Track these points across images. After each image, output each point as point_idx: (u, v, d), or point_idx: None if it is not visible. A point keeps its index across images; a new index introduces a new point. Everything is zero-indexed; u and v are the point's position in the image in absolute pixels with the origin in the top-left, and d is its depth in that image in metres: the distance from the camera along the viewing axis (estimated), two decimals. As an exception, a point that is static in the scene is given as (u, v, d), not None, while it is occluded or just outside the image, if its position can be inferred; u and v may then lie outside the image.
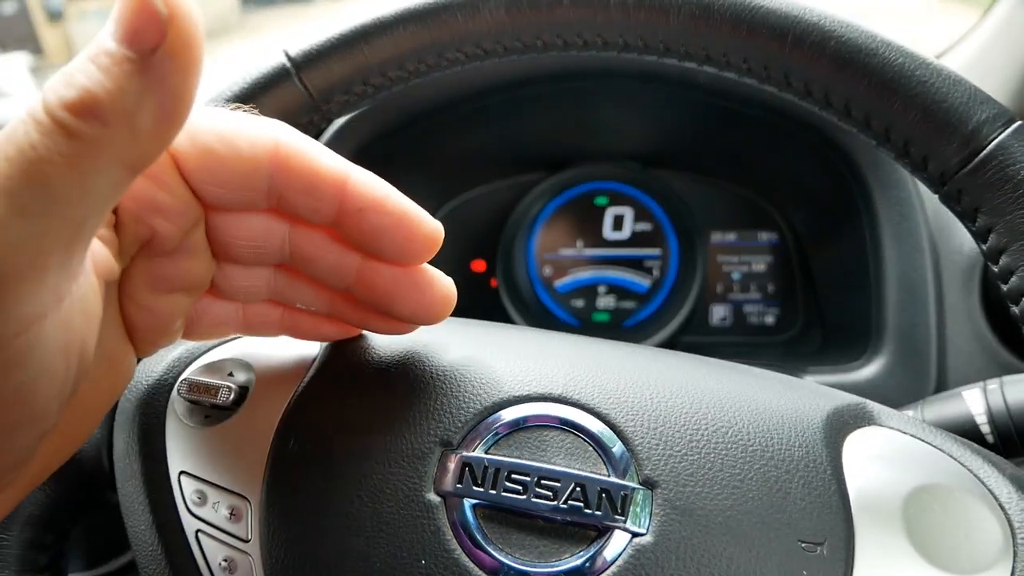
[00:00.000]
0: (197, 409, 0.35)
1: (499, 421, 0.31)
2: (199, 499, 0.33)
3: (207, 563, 0.32)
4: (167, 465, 0.34)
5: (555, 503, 0.29)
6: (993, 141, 0.30)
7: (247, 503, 0.32)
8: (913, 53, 0.32)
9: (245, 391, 0.35)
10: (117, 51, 0.18)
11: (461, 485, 0.30)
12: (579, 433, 0.31)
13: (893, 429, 0.32)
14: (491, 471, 0.30)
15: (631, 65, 0.66)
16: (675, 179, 0.81)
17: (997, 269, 0.32)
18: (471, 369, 0.33)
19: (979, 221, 0.32)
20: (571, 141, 0.81)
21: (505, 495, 0.30)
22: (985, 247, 0.32)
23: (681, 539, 0.28)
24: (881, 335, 0.60)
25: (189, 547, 0.33)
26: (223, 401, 0.34)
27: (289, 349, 0.36)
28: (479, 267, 0.84)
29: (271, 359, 0.36)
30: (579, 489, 0.29)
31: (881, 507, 0.29)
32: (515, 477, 0.30)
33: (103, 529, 0.67)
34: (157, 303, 0.27)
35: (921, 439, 0.32)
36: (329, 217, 0.27)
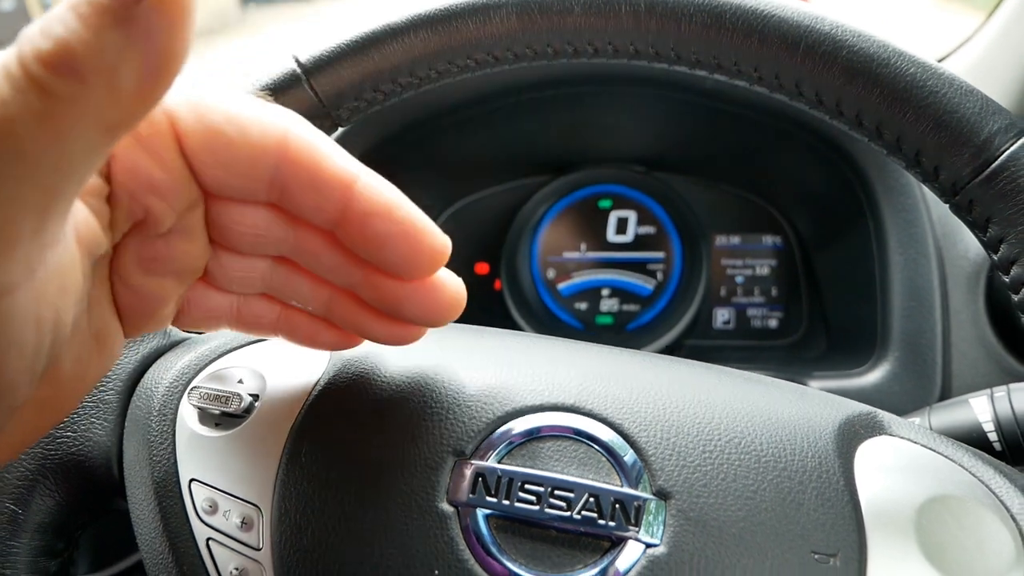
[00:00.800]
0: (207, 417, 0.35)
1: (512, 431, 0.31)
2: (210, 507, 0.33)
3: (218, 571, 0.32)
4: (178, 472, 0.34)
5: (568, 514, 0.29)
6: (1005, 152, 0.30)
7: (258, 511, 0.32)
8: (925, 63, 0.32)
9: (256, 399, 0.35)
10: None
11: (474, 495, 0.30)
12: (592, 443, 0.31)
13: (904, 439, 0.32)
14: (504, 481, 0.30)
15: (636, 69, 0.66)
16: (679, 182, 0.81)
17: (1008, 279, 0.32)
18: (483, 379, 0.33)
19: (990, 231, 0.32)
20: (575, 144, 0.81)
21: (518, 505, 0.30)
22: (996, 257, 0.32)
23: (695, 550, 0.28)
24: (886, 340, 0.60)
25: (200, 555, 0.33)
26: (234, 409, 0.34)
27: (300, 357, 0.36)
28: (483, 269, 0.84)
29: (282, 367, 0.36)
30: (592, 500, 0.29)
31: (893, 518, 0.29)
32: (528, 487, 0.30)
33: (107, 532, 0.67)
34: (147, 285, 0.26)
35: (932, 449, 0.32)
36: (332, 219, 0.26)
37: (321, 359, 0.36)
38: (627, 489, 0.30)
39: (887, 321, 0.60)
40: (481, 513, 0.30)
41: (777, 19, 0.32)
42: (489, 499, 0.30)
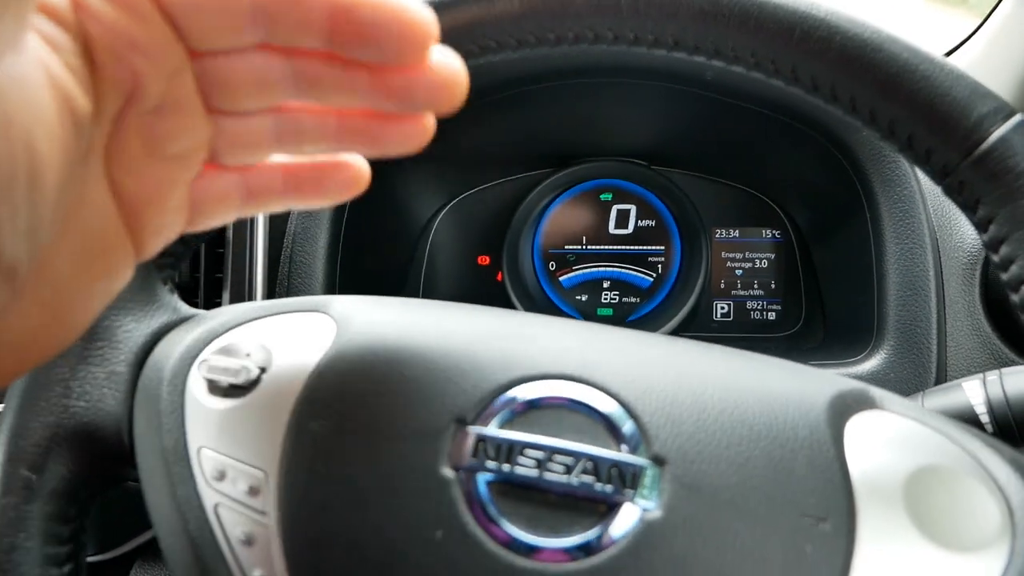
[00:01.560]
0: (216, 388, 0.36)
1: (513, 399, 0.32)
2: (218, 474, 0.34)
3: (226, 536, 0.33)
4: (186, 441, 0.35)
5: (567, 478, 0.30)
6: (994, 134, 0.31)
7: (266, 477, 0.33)
8: (917, 49, 0.33)
9: (263, 371, 0.35)
10: None
11: (475, 460, 0.31)
12: (591, 412, 0.32)
13: (895, 413, 0.33)
14: (505, 447, 0.31)
15: (636, 62, 0.67)
16: (679, 176, 0.82)
17: (998, 258, 0.32)
18: (485, 349, 0.34)
19: (980, 212, 0.32)
20: (577, 138, 0.82)
21: (518, 470, 0.30)
22: (986, 237, 0.33)
23: (689, 514, 0.29)
24: (882, 329, 0.61)
25: (208, 520, 0.34)
26: (242, 380, 0.35)
27: (306, 331, 0.37)
28: (485, 261, 0.85)
29: (289, 340, 0.37)
30: (590, 465, 0.30)
31: (883, 486, 0.30)
32: (528, 453, 0.31)
33: (114, 515, 0.68)
34: (152, 170, 0.26)
35: (922, 423, 0.33)
36: (322, 32, 0.25)
37: (327, 333, 0.36)
38: (624, 455, 0.30)
39: (883, 310, 0.61)
40: (482, 478, 0.31)
41: (773, 5, 0.33)
42: (490, 464, 0.31)
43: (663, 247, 0.83)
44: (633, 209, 0.83)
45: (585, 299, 0.83)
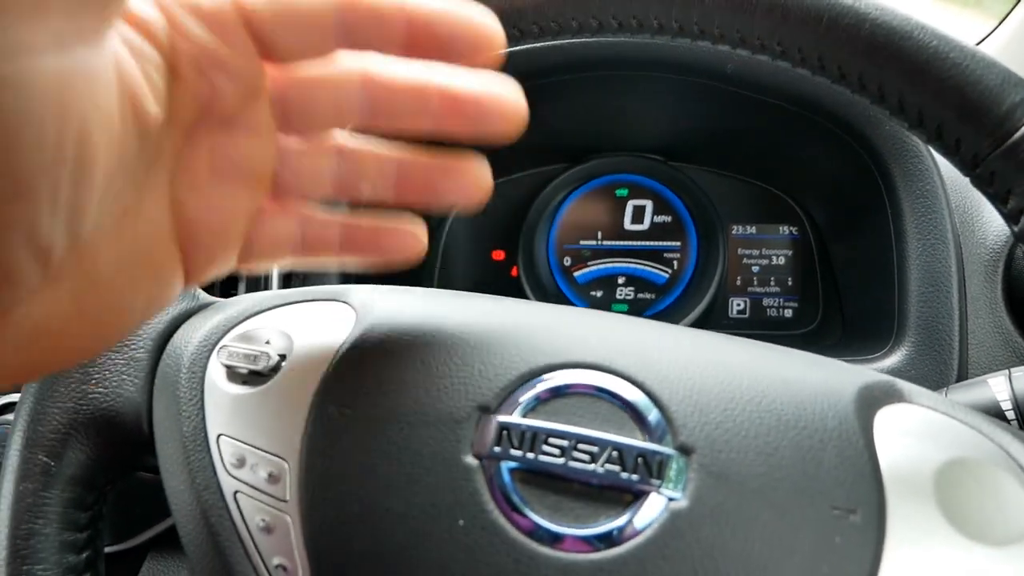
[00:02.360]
0: (236, 375, 0.35)
1: (536, 387, 0.32)
2: (237, 461, 0.34)
3: (245, 523, 0.33)
4: (206, 428, 0.35)
5: (592, 467, 0.30)
6: None
7: (285, 465, 0.33)
8: (947, 36, 0.32)
9: (283, 358, 0.35)
10: None
11: (499, 448, 0.30)
12: (616, 400, 0.31)
13: (923, 406, 0.33)
14: (528, 435, 0.30)
15: (654, 55, 0.67)
16: (696, 172, 0.82)
17: None
18: (507, 337, 0.34)
19: (1011, 203, 0.32)
20: (593, 132, 0.81)
21: (542, 458, 0.30)
22: (1017, 228, 0.32)
23: (716, 504, 0.29)
24: (903, 326, 0.60)
25: (227, 508, 0.33)
26: (262, 367, 0.35)
27: (327, 318, 0.37)
28: (500, 256, 0.85)
29: (309, 328, 0.36)
30: (616, 454, 0.30)
31: (913, 478, 0.30)
32: (552, 441, 0.30)
33: (130, 506, 0.68)
34: (216, 192, 0.27)
35: (951, 416, 0.32)
36: (399, 41, 0.27)
37: (347, 321, 0.36)
38: (650, 444, 0.30)
39: (904, 307, 0.60)
40: (505, 466, 0.30)
41: None
42: (513, 452, 0.30)
43: (679, 243, 0.82)
44: (649, 205, 0.82)
45: (600, 295, 0.83)
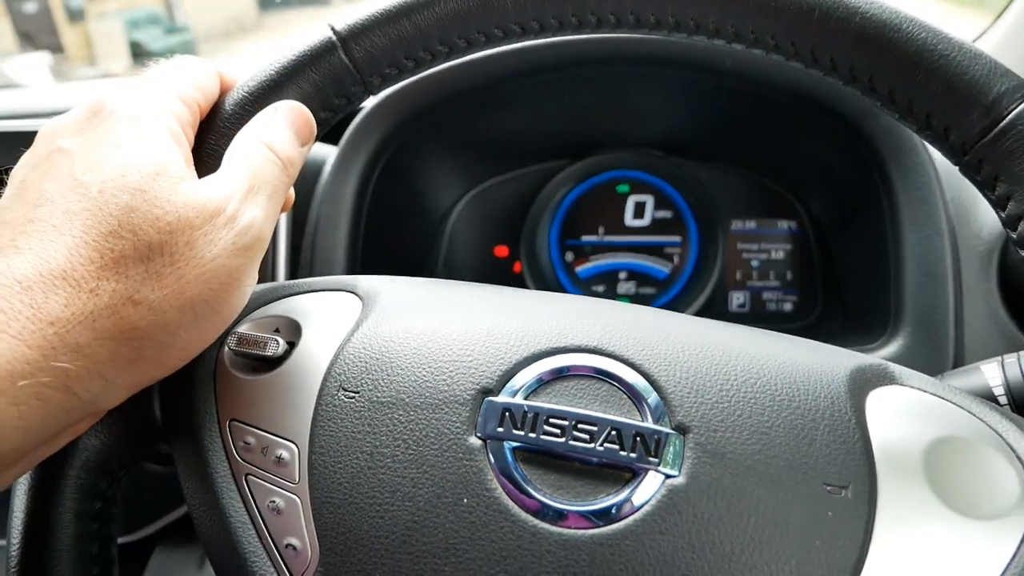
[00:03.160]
0: (246, 362, 0.36)
1: (537, 370, 0.33)
2: (248, 445, 0.35)
3: (256, 505, 0.34)
4: (217, 413, 0.36)
5: (591, 446, 0.31)
6: (1013, 111, 0.31)
7: (295, 448, 0.34)
8: (935, 28, 0.33)
9: (292, 345, 0.36)
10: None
11: (502, 429, 0.31)
12: (615, 382, 0.32)
13: (914, 388, 0.34)
14: (530, 416, 0.31)
15: (653, 51, 0.68)
16: (696, 167, 0.83)
17: (1016, 235, 0.33)
18: (510, 322, 0.35)
19: (999, 189, 0.33)
20: (594, 128, 0.82)
21: (544, 438, 0.31)
22: (1004, 214, 0.33)
23: (712, 480, 0.30)
24: (899, 316, 0.61)
25: (239, 490, 0.34)
26: (272, 354, 0.36)
27: (334, 308, 0.38)
28: (503, 252, 0.86)
29: (318, 317, 0.37)
30: (615, 433, 0.31)
31: (903, 456, 0.31)
32: (553, 422, 0.31)
33: (134, 498, 0.69)
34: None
35: (942, 396, 0.33)
36: None
37: (354, 310, 0.37)
38: (648, 424, 0.31)
39: (900, 297, 0.61)
40: (508, 446, 0.31)
41: None
42: (516, 432, 0.31)
43: (680, 238, 0.83)
44: (650, 200, 0.83)
45: (602, 290, 0.84)
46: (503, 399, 0.32)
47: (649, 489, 0.30)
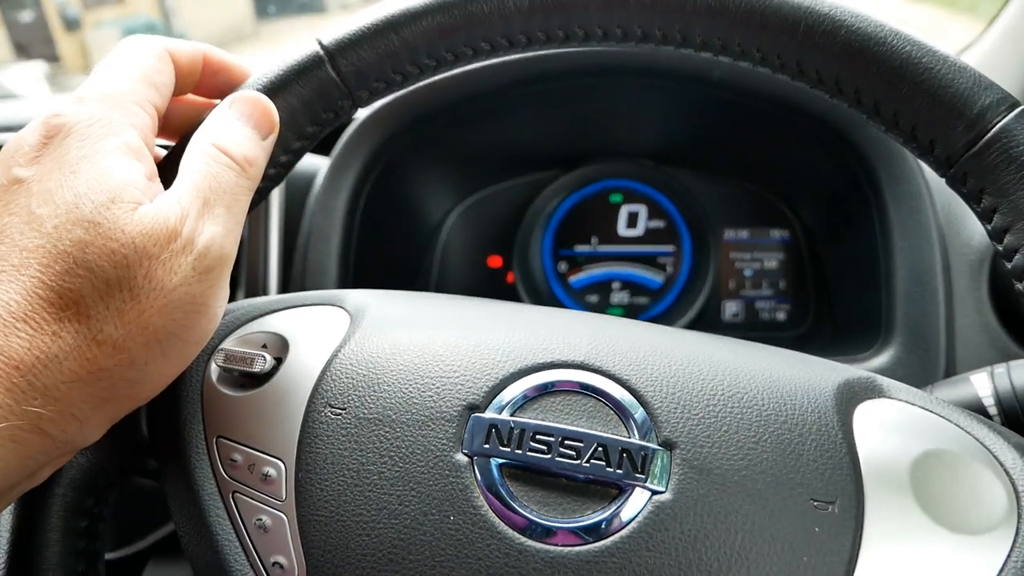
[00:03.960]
0: (233, 378, 0.36)
1: (524, 386, 0.33)
2: (234, 462, 0.35)
3: (243, 523, 0.34)
4: (204, 430, 0.36)
5: (577, 462, 0.31)
6: (997, 124, 0.31)
7: (282, 465, 0.34)
8: (920, 42, 0.33)
9: (279, 362, 0.36)
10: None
11: (488, 446, 0.31)
12: (601, 398, 0.32)
13: (902, 401, 0.34)
14: (516, 432, 0.31)
15: (644, 60, 0.68)
16: (688, 177, 0.83)
17: (1002, 248, 0.33)
18: (496, 338, 0.35)
19: (984, 202, 0.33)
20: (586, 139, 0.82)
21: (530, 455, 0.31)
22: (990, 227, 0.33)
23: (699, 496, 0.30)
24: (891, 326, 0.61)
25: (225, 508, 0.34)
26: (259, 370, 0.36)
27: (322, 323, 0.38)
28: (496, 263, 0.86)
29: (305, 333, 0.37)
30: (601, 449, 0.31)
31: (890, 470, 0.31)
32: (539, 438, 0.31)
33: (125, 514, 0.69)
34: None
35: (929, 409, 0.33)
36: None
37: (342, 325, 0.37)
38: (634, 440, 0.31)
39: (891, 307, 0.61)
40: (494, 462, 0.31)
41: (779, 1, 0.34)
42: (502, 449, 0.31)
43: (673, 248, 0.83)
44: (643, 210, 0.84)
45: (595, 300, 0.84)
46: (489, 415, 0.32)
47: (636, 505, 0.30)
